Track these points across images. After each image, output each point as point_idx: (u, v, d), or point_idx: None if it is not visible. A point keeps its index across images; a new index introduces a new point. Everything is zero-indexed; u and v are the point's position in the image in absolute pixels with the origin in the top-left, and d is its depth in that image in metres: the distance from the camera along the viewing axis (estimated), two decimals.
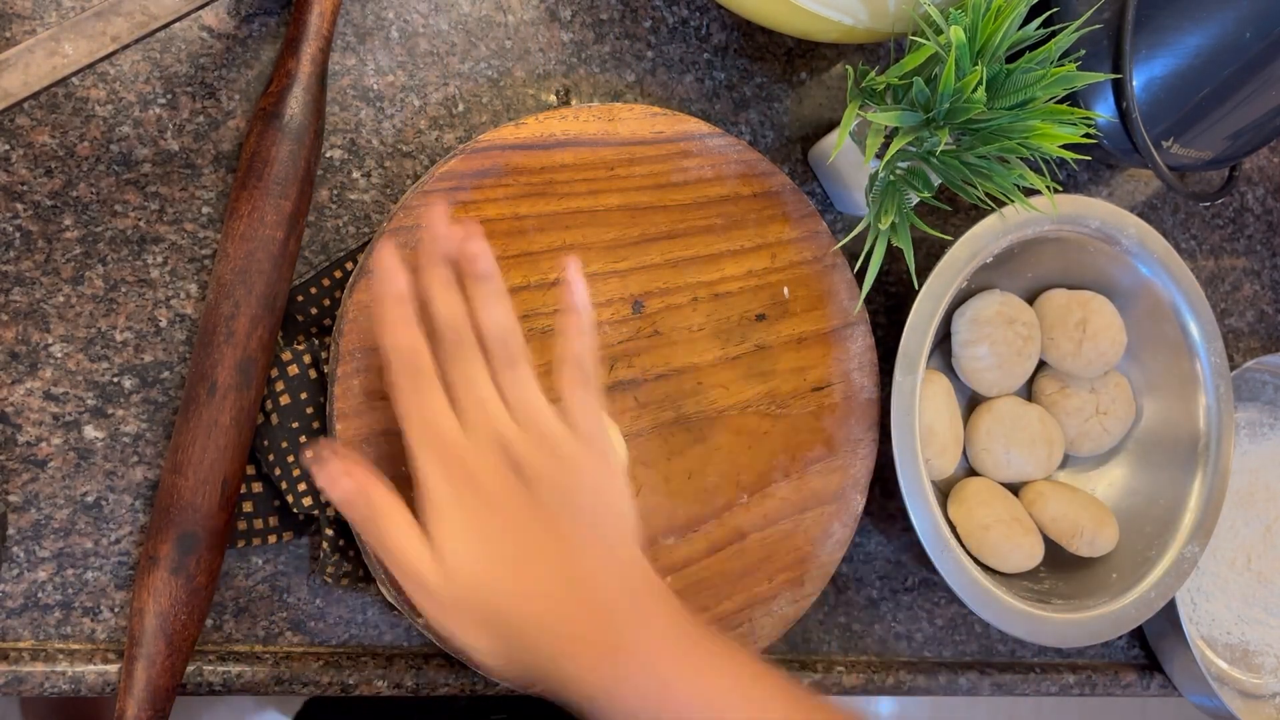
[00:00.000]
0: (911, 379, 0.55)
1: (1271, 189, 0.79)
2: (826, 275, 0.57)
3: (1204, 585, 0.72)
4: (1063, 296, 0.64)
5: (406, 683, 0.51)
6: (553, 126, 0.51)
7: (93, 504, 0.47)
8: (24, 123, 0.46)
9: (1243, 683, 0.72)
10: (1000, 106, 0.50)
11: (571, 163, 0.51)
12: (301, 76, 0.47)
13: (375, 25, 0.52)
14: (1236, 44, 0.57)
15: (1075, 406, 0.65)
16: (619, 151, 0.52)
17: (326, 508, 0.48)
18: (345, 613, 0.51)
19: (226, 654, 0.49)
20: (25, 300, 0.46)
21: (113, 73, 0.47)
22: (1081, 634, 0.60)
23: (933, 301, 0.57)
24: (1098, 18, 0.57)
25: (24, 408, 0.46)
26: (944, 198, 0.65)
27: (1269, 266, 0.78)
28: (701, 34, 0.59)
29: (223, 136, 0.49)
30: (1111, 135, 0.60)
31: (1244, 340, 0.77)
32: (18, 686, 0.45)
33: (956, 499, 0.61)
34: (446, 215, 0.43)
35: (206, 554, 0.45)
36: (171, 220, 0.48)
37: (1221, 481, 0.64)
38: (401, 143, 0.52)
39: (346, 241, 0.51)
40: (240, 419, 0.45)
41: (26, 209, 0.46)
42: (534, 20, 0.55)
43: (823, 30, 0.53)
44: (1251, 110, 0.61)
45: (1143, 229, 0.62)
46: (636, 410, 0.53)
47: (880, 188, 0.53)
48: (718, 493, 0.54)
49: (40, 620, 0.46)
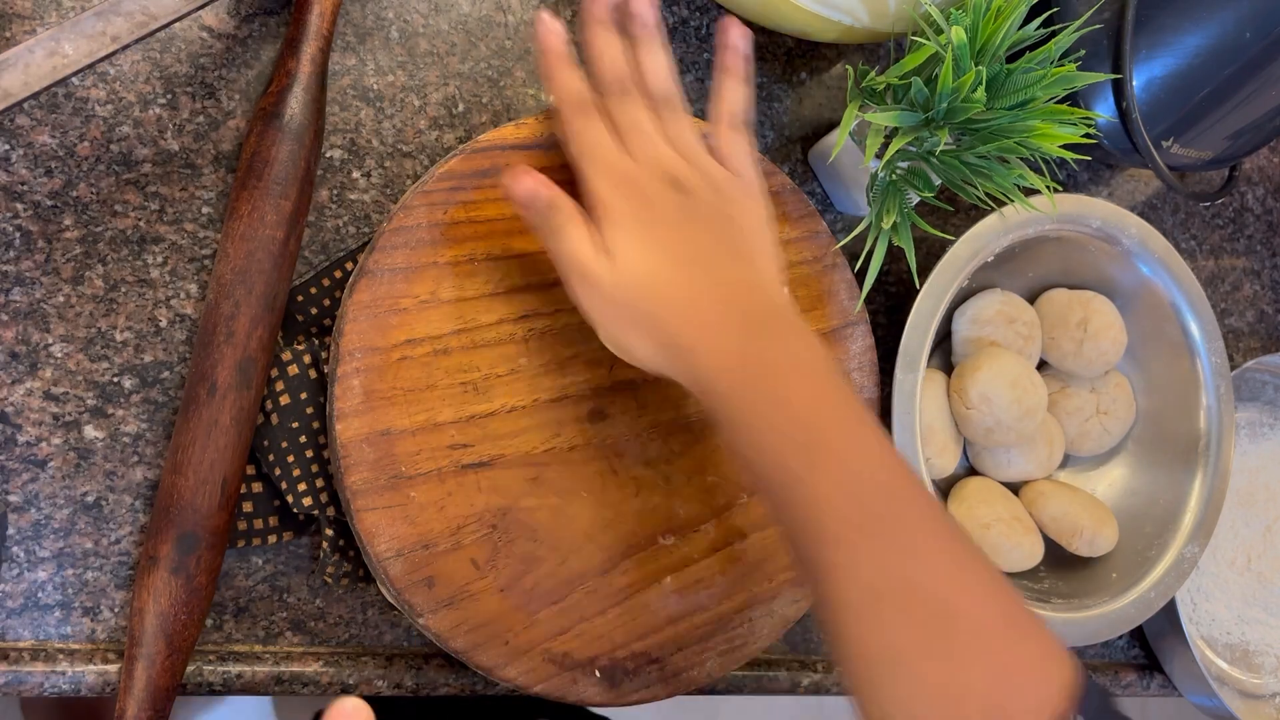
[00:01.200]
0: (912, 378, 0.55)
1: (1271, 189, 0.79)
2: (826, 275, 0.57)
3: (1204, 585, 0.72)
4: (1064, 296, 0.64)
5: (406, 683, 0.51)
6: (553, 126, 0.51)
7: (93, 504, 0.47)
8: (24, 123, 0.46)
9: (1243, 683, 0.72)
10: (1000, 106, 0.50)
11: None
12: (301, 76, 0.47)
13: (375, 25, 0.52)
14: (1236, 44, 0.57)
15: (1075, 406, 0.65)
16: None
17: (327, 508, 0.48)
18: (345, 613, 0.51)
19: (226, 654, 0.49)
20: (25, 300, 0.46)
21: (113, 73, 0.47)
22: (1081, 634, 0.60)
23: (933, 300, 0.57)
24: (1098, 18, 0.57)
25: (24, 408, 0.46)
26: (944, 197, 0.65)
27: (1269, 266, 0.78)
28: (701, 34, 0.59)
29: (223, 136, 0.49)
30: (1111, 135, 0.60)
31: (1244, 340, 0.77)
32: (18, 686, 0.45)
33: (957, 498, 0.61)
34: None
35: (206, 554, 0.45)
36: (171, 220, 0.48)
37: (1221, 481, 0.64)
38: (401, 143, 0.52)
39: (346, 241, 0.51)
40: (240, 419, 0.45)
41: (26, 209, 0.46)
42: (534, 20, 0.55)
43: (823, 30, 0.53)
44: (1251, 110, 0.61)
45: (1144, 229, 0.62)
46: (636, 410, 0.53)
47: (881, 188, 0.53)
48: (718, 493, 0.54)
49: (40, 620, 0.46)
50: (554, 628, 0.50)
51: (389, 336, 0.47)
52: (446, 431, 0.48)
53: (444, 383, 0.48)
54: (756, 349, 0.42)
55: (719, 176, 0.46)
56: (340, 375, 0.46)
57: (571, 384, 0.51)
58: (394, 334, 0.47)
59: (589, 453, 0.51)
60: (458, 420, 0.48)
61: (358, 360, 0.47)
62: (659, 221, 0.44)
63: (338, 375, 0.46)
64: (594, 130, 0.46)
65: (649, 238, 0.43)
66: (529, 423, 0.50)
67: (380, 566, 0.46)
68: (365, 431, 0.46)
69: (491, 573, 0.49)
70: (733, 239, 0.45)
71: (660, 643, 0.52)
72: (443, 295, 0.48)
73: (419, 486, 0.47)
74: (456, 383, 0.49)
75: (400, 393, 0.47)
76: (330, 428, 0.46)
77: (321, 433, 0.48)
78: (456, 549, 0.48)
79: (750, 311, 0.43)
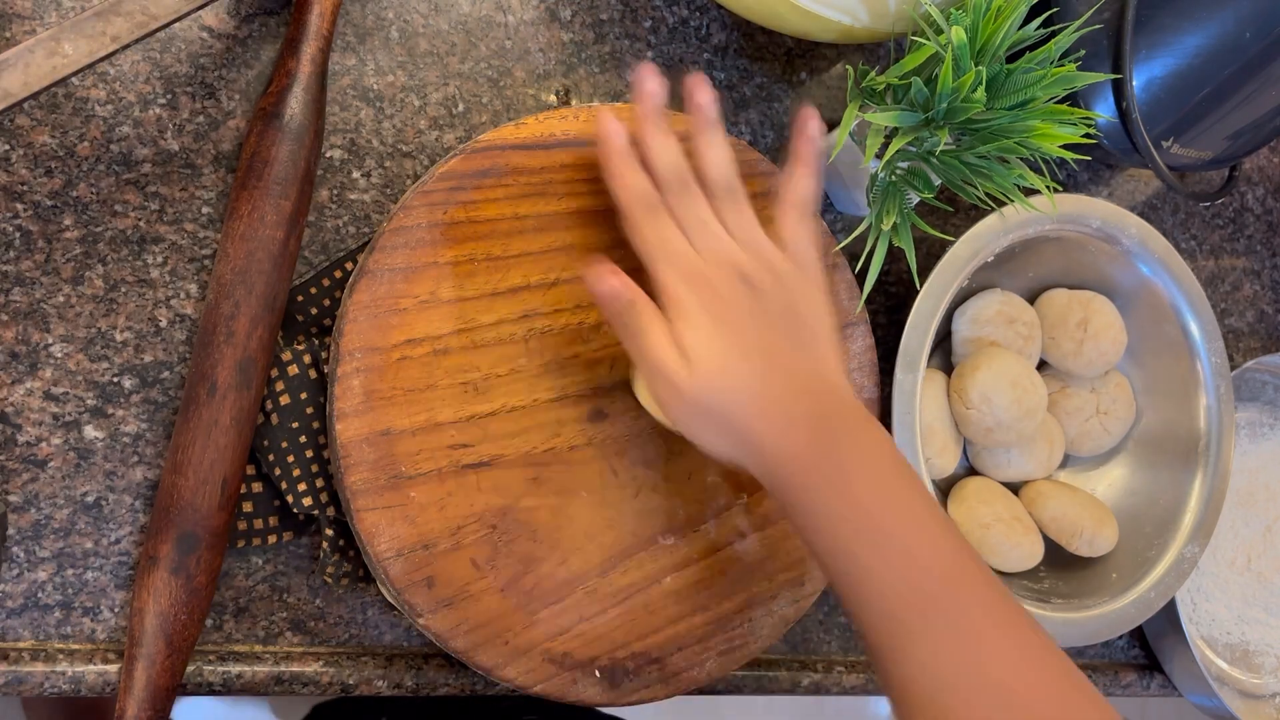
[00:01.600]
0: (912, 378, 0.55)
1: (1271, 189, 0.79)
2: (826, 275, 0.57)
3: (1204, 585, 0.72)
4: (1064, 296, 0.64)
5: (406, 683, 0.51)
6: (553, 126, 0.51)
7: (93, 504, 0.47)
8: (24, 123, 0.46)
9: (1243, 683, 0.72)
10: (1000, 106, 0.50)
11: (571, 163, 0.51)
12: (301, 76, 0.47)
13: (375, 25, 0.52)
14: (1236, 44, 0.57)
15: (1075, 406, 0.65)
16: None
17: (327, 508, 0.48)
18: (345, 613, 0.51)
19: (226, 654, 0.49)
20: (25, 300, 0.46)
21: (113, 73, 0.47)
22: (1081, 634, 0.60)
23: (934, 300, 0.57)
24: (1098, 18, 0.57)
25: (24, 408, 0.46)
26: (944, 198, 0.65)
27: (1269, 266, 0.78)
28: (701, 34, 0.59)
29: (223, 136, 0.49)
30: (1111, 135, 0.60)
31: (1244, 340, 0.77)
32: (18, 686, 0.45)
33: (957, 498, 0.61)
34: (656, 73, 0.48)
35: (206, 554, 0.45)
36: (171, 220, 0.48)
37: (1221, 481, 0.64)
38: (401, 143, 0.52)
39: (346, 241, 0.51)
40: (240, 419, 0.45)
41: (26, 209, 0.46)
42: (534, 20, 0.55)
43: (823, 30, 0.53)
44: (1251, 110, 0.61)
45: (1144, 229, 0.62)
46: (636, 410, 0.53)
47: (881, 188, 0.53)
48: (718, 493, 0.54)
49: (40, 620, 0.46)
50: (554, 628, 0.50)
51: (389, 336, 0.47)
52: (446, 431, 0.48)
53: (444, 383, 0.48)
54: (825, 443, 0.44)
55: (783, 269, 0.47)
56: (340, 375, 0.46)
57: (571, 384, 0.51)
58: (394, 334, 0.47)
59: (589, 453, 0.51)
60: (458, 420, 0.48)
61: (358, 360, 0.47)
62: (729, 317, 0.45)
63: (338, 375, 0.46)
64: (661, 228, 0.47)
65: (721, 333, 0.45)
66: (529, 423, 0.50)
67: (380, 566, 0.46)
68: (365, 431, 0.46)
69: (491, 573, 0.49)
70: (798, 331, 0.47)
71: (660, 643, 0.52)
72: (443, 295, 0.48)
73: (419, 486, 0.47)
74: (456, 383, 0.49)
75: (400, 393, 0.47)
76: (330, 428, 0.46)
77: (321, 433, 0.48)
78: (456, 549, 0.48)
79: (817, 404, 0.45)
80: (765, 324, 0.46)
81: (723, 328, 0.45)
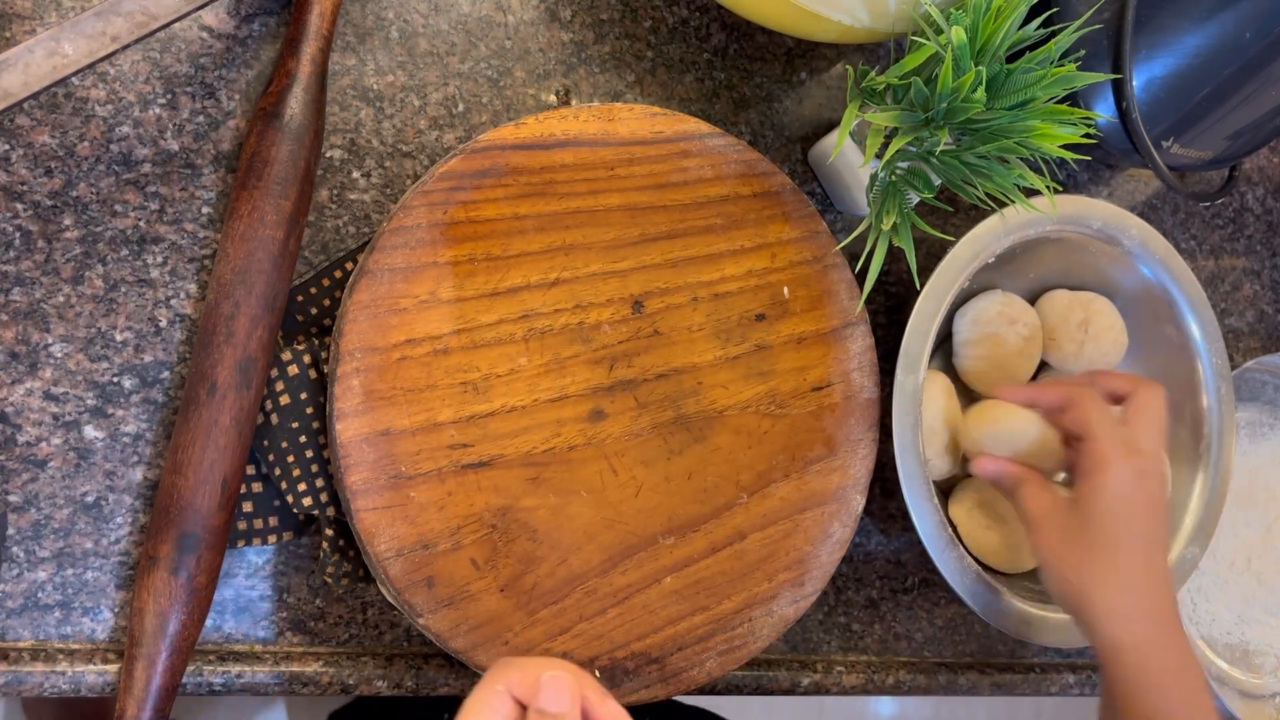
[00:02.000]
0: (913, 378, 0.55)
1: (1271, 189, 0.79)
2: (826, 275, 0.57)
3: (1204, 585, 0.72)
4: (1065, 297, 0.64)
5: (406, 683, 0.51)
6: (553, 126, 0.51)
7: (93, 504, 0.47)
8: (24, 123, 0.46)
9: (1243, 683, 0.72)
10: (1000, 106, 0.50)
11: (571, 163, 0.51)
12: (301, 76, 0.47)
13: (375, 25, 0.52)
14: (1236, 44, 0.57)
15: None
16: (619, 151, 0.52)
17: (327, 508, 0.48)
18: (345, 613, 0.51)
19: (226, 654, 0.49)
20: (25, 300, 0.46)
21: (113, 73, 0.47)
22: (1082, 634, 0.60)
23: (934, 301, 0.56)
24: (1098, 18, 0.57)
25: (24, 408, 0.46)
26: (944, 198, 0.65)
27: (1269, 266, 0.78)
28: (701, 34, 0.59)
29: (223, 136, 0.49)
30: (1111, 135, 0.60)
31: (1244, 340, 0.77)
32: (18, 686, 0.45)
33: (957, 499, 0.61)
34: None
35: (206, 554, 0.45)
36: (171, 220, 0.48)
37: (1222, 482, 0.64)
38: (401, 143, 0.52)
39: (346, 241, 0.51)
40: (240, 419, 0.45)
41: (26, 209, 0.46)
42: (534, 20, 0.55)
43: (823, 30, 0.53)
44: (1251, 110, 0.61)
45: (1144, 230, 0.62)
46: (636, 410, 0.53)
47: (881, 188, 0.53)
48: (718, 493, 0.54)
49: (40, 620, 0.46)
50: (554, 628, 0.50)
51: (389, 336, 0.47)
52: (446, 431, 0.48)
53: (444, 383, 0.48)
54: (1159, 641, 0.50)
55: (1162, 470, 0.52)
56: (340, 375, 0.46)
57: (571, 384, 0.51)
58: (394, 334, 0.47)
59: (589, 453, 0.51)
60: (458, 420, 0.48)
61: (358, 360, 0.47)
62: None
63: (338, 375, 0.46)
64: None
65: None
66: (529, 423, 0.50)
67: (380, 566, 0.46)
68: (365, 431, 0.46)
69: (491, 573, 0.49)
70: (1159, 528, 0.52)
71: (660, 643, 0.52)
72: (442, 295, 0.48)
73: (419, 486, 0.47)
74: (456, 383, 0.49)
75: (400, 393, 0.47)
76: (330, 428, 0.46)
77: (321, 433, 0.48)
78: (456, 549, 0.48)
79: (1159, 603, 0.51)
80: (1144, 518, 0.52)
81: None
